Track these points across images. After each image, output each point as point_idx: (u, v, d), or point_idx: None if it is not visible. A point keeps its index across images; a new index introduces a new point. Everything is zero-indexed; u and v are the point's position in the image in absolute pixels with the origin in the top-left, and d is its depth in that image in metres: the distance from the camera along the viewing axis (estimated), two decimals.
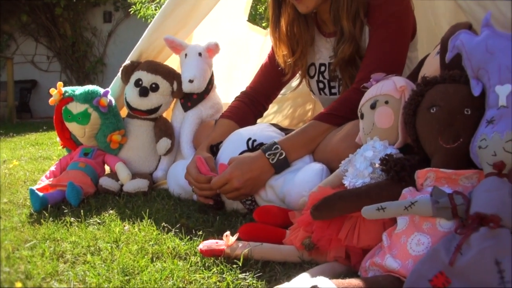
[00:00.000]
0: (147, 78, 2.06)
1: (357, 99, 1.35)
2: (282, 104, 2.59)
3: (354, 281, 0.89)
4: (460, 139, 1.03)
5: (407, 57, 1.69)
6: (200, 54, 2.04)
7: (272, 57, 1.95)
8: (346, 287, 0.85)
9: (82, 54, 9.66)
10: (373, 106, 1.23)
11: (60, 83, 2.00)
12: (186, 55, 2.05)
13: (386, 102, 1.20)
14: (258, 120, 2.06)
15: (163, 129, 2.06)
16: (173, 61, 2.21)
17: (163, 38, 2.04)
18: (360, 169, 1.15)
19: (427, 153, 1.09)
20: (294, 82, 2.12)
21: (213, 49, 2.05)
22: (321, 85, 1.90)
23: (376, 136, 1.20)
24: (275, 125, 1.86)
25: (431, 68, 1.29)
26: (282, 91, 2.27)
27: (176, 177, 1.82)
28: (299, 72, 1.97)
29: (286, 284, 0.92)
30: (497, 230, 0.85)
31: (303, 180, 1.37)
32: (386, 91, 1.21)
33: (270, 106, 2.48)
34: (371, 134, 1.22)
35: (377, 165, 1.13)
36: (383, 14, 1.61)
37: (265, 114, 2.46)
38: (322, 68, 1.87)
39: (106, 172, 2.06)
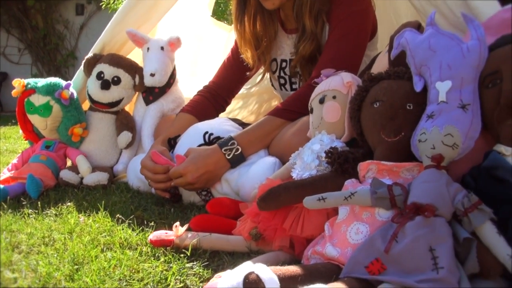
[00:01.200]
0: (109, 71, 2.06)
1: (310, 95, 1.38)
2: (248, 99, 2.61)
3: (292, 268, 0.91)
4: (402, 133, 1.07)
5: (366, 55, 1.73)
6: (162, 48, 2.04)
7: (235, 52, 1.97)
8: (284, 273, 0.87)
9: (54, 47, 9.48)
10: (321, 101, 1.26)
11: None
12: (148, 48, 2.05)
13: (334, 97, 1.24)
14: (223, 115, 2.08)
15: (124, 122, 2.06)
16: (136, 55, 2.20)
17: (125, 32, 2.04)
18: (307, 161, 1.18)
19: (371, 146, 1.13)
20: (259, 77, 2.13)
21: (175, 43, 2.05)
22: (282, 81, 1.93)
23: (324, 130, 1.24)
24: (235, 119, 1.89)
25: (381, 65, 1.33)
26: (247, 86, 2.29)
27: (135, 170, 1.82)
28: (262, 67, 1.99)
29: (226, 272, 0.94)
30: (432, 219, 0.89)
31: (256, 173, 1.39)
32: (334, 86, 1.25)
33: (235, 101, 2.51)
34: (319, 128, 1.25)
35: (323, 158, 1.16)
36: (342, 12, 1.64)
37: (230, 109, 2.49)
38: (283, 64, 1.90)
39: (68, 165, 2.05)
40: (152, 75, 1.99)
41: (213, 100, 1.97)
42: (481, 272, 0.87)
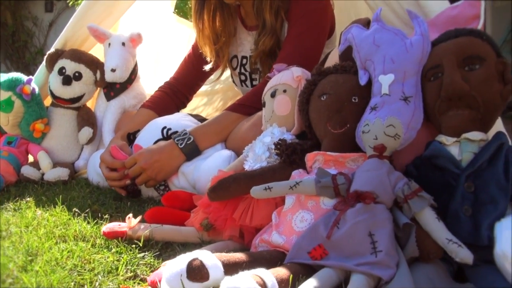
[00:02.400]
0: (70, 67, 2.05)
1: None
2: (212, 96, 2.62)
3: (238, 255, 0.93)
4: (347, 124, 1.10)
5: (325, 53, 1.76)
6: (123, 44, 2.04)
7: (195, 48, 1.98)
8: (228, 259, 0.89)
9: (23, 44, 9.32)
10: (273, 95, 1.29)
11: None
12: (109, 44, 2.05)
13: (285, 91, 1.27)
14: (187, 111, 2.08)
15: (85, 118, 2.05)
16: (98, 50, 2.19)
17: (87, 27, 2.03)
18: (258, 153, 1.21)
19: (318, 138, 1.16)
20: (218, 74, 2.15)
21: (136, 39, 2.05)
22: (242, 77, 1.95)
23: (275, 123, 1.26)
24: (196, 115, 1.90)
25: (333, 61, 1.36)
26: (211, 83, 2.30)
27: (95, 166, 1.82)
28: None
29: (172, 260, 0.95)
30: (372, 206, 0.93)
31: (212, 166, 1.41)
32: (285, 80, 1.28)
33: (200, 98, 2.53)
34: (270, 121, 1.28)
35: (273, 150, 1.18)
36: (301, 10, 1.68)
37: (194, 106, 2.51)
38: (244, 61, 1.92)
39: (30, 161, 2.04)
40: (113, 70, 1.99)
41: (173, 96, 1.98)
42: (421, 256, 0.91)
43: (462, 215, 0.94)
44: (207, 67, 1.96)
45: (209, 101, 2.62)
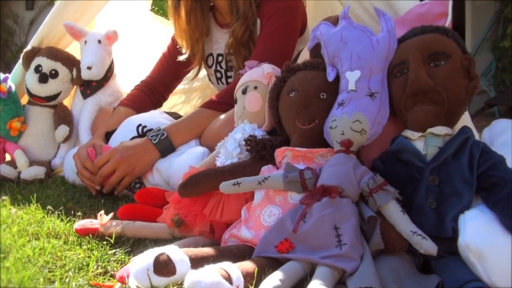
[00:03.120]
0: (46, 64, 2.03)
1: None
2: (190, 94, 2.62)
3: (205, 249, 0.94)
4: (316, 120, 1.11)
5: (298, 49, 1.78)
6: (99, 41, 2.03)
7: (171, 48, 1.99)
8: (196, 254, 0.90)
9: (3, 43, 9.21)
10: (244, 91, 1.30)
11: None
12: (85, 42, 2.04)
13: (255, 88, 1.28)
14: (165, 109, 2.08)
15: (62, 116, 2.04)
16: (75, 48, 2.18)
17: (63, 24, 2.02)
18: (229, 150, 1.22)
19: (288, 134, 1.17)
20: (201, 73, 2.16)
21: (112, 36, 2.05)
22: (218, 75, 1.96)
23: (246, 119, 1.28)
24: (173, 113, 1.91)
25: (305, 57, 1.37)
26: (188, 82, 2.31)
27: (71, 164, 1.81)
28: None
29: (140, 255, 0.96)
30: (338, 200, 0.94)
31: (185, 163, 1.41)
32: (256, 77, 1.29)
33: (178, 96, 2.53)
34: (242, 117, 1.29)
35: (244, 146, 1.19)
36: (272, 8, 1.70)
37: (172, 104, 2.51)
38: (220, 58, 1.93)
39: (7, 160, 2.02)
40: (89, 68, 1.99)
41: (150, 94, 1.98)
42: (386, 248, 0.92)
43: (427, 207, 0.96)
44: (182, 58, 1.96)
45: (187, 99, 2.62)
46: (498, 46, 5.06)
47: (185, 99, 2.62)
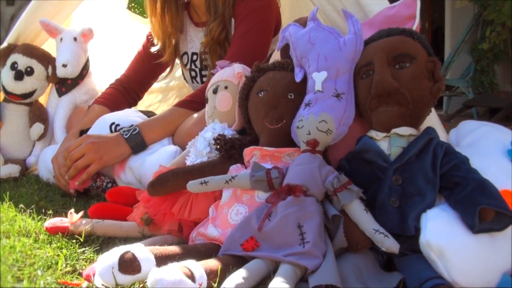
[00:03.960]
0: (22, 62, 2.02)
1: None
2: (167, 93, 2.62)
3: (171, 248, 0.95)
4: (283, 120, 1.13)
5: (272, 49, 1.79)
6: (75, 39, 2.03)
7: (146, 47, 2.00)
8: (161, 252, 0.91)
9: None
10: (215, 91, 1.31)
11: None
12: (61, 39, 2.03)
13: (226, 87, 1.29)
14: (141, 107, 2.08)
15: (37, 114, 2.03)
16: (51, 45, 2.17)
17: (39, 21, 2.01)
18: (199, 149, 1.23)
19: (257, 134, 1.18)
20: (178, 72, 2.16)
21: (87, 34, 2.04)
22: (193, 74, 1.98)
23: (217, 118, 1.29)
24: (148, 111, 1.90)
25: (277, 58, 1.39)
26: (166, 80, 2.31)
27: (45, 161, 1.81)
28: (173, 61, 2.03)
29: (106, 253, 0.96)
30: (302, 198, 0.96)
31: (157, 161, 1.41)
32: (226, 77, 1.30)
33: (155, 95, 2.53)
34: (212, 116, 1.30)
35: (213, 145, 1.20)
36: (245, 8, 1.72)
37: (149, 103, 2.51)
38: (194, 57, 1.95)
39: None
40: (64, 66, 1.98)
41: (125, 93, 1.99)
42: (350, 247, 0.94)
43: (390, 206, 0.98)
44: (154, 49, 1.96)
45: (164, 98, 2.62)
46: (476, 48, 5.13)
47: (162, 98, 2.62)
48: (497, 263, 0.90)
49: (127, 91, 1.99)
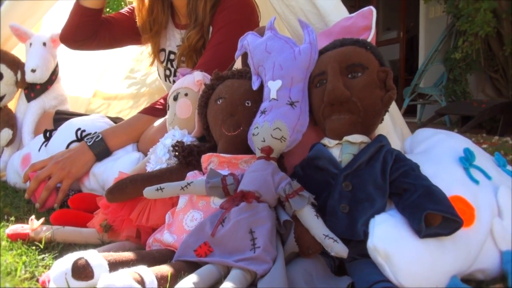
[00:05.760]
0: None
1: None
2: (138, 99, 2.63)
3: (126, 254, 0.95)
4: (241, 127, 1.15)
5: None
6: (44, 44, 2.03)
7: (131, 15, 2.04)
8: (115, 259, 0.92)
9: None
10: (175, 98, 1.33)
11: None
12: (30, 44, 2.04)
13: (186, 95, 1.31)
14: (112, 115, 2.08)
15: (6, 119, 2.02)
16: (22, 50, 2.16)
17: (9, 26, 2.00)
18: (159, 155, 1.24)
19: (215, 140, 1.20)
20: (149, 78, 2.17)
21: (57, 39, 2.05)
22: (167, 72, 2.01)
23: (177, 125, 1.30)
24: (116, 118, 1.91)
25: (238, 66, 1.41)
26: (137, 86, 2.31)
27: (13, 165, 1.83)
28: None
29: (60, 259, 0.97)
30: (255, 204, 0.98)
31: (120, 168, 1.42)
32: (187, 84, 1.32)
33: (126, 101, 2.54)
34: (173, 123, 1.32)
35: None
36: (224, 19, 1.75)
37: (120, 109, 2.51)
38: (171, 56, 1.98)
39: None
40: (33, 71, 1.98)
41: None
42: (301, 251, 0.96)
43: (340, 212, 1.01)
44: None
45: (135, 104, 2.62)
46: (449, 57, 5.22)
47: (133, 104, 2.62)
48: (445, 266, 0.94)
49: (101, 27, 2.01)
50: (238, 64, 1.36)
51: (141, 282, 0.81)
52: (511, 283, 0.97)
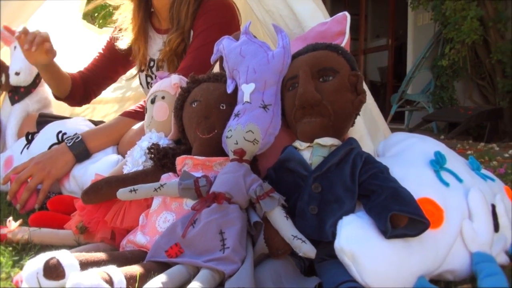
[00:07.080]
0: None
1: None
2: (124, 104, 2.64)
3: (98, 254, 0.96)
4: (215, 130, 1.17)
5: None
6: None
7: (110, 43, 2.05)
8: (87, 259, 0.93)
9: None
10: (152, 101, 1.34)
11: None
12: (15, 47, 2.04)
13: (163, 98, 1.33)
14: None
15: None
16: (6, 54, 2.17)
17: None
18: (136, 158, 1.26)
19: (190, 143, 1.22)
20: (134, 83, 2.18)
21: None
22: (149, 79, 2.02)
23: (154, 128, 1.32)
24: (100, 122, 1.92)
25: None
26: (122, 90, 2.32)
27: None
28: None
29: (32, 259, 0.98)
30: (226, 206, 1.00)
31: (99, 170, 1.43)
32: (164, 87, 1.34)
33: (111, 105, 2.54)
34: (150, 126, 1.34)
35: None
36: (205, 23, 1.76)
37: (105, 113, 2.52)
38: (151, 63, 1.98)
39: None
40: (17, 74, 2.00)
41: (82, 83, 2.05)
42: (271, 252, 0.98)
43: (309, 213, 1.02)
44: (123, 43, 2.01)
45: (120, 108, 2.63)
46: (437, 64, 5.28)
47: (118, 108, 2.63)
48: (412, 267, 0.95)
49: (85, 83, 2.04)
50: (217, 68, 1.37)
51: (110, 281, 0.82)
52: (480, 284, 0.99)
